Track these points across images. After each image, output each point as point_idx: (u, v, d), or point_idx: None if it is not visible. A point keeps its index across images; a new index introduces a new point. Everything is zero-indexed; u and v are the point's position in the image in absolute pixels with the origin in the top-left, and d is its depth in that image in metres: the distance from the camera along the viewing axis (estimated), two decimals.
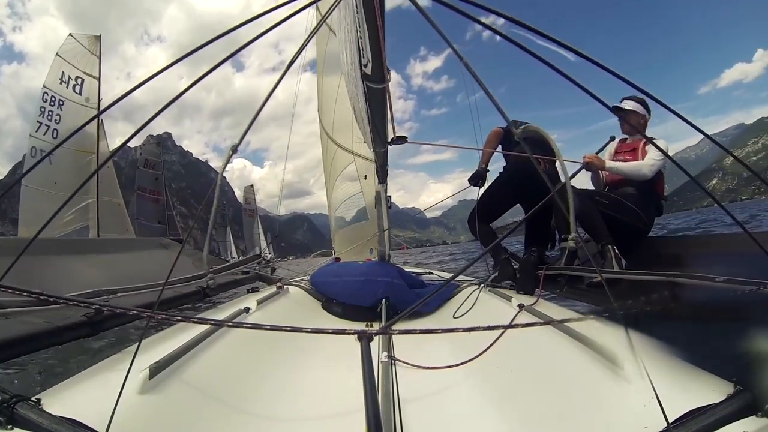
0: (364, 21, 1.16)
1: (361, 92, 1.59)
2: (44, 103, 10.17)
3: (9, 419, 0.75)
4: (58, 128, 10.14)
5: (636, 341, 0.98)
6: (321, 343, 1.54)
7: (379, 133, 2.08)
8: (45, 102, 10.18)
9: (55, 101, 10.29)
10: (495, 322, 0.95)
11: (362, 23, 1.18)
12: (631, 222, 2.30)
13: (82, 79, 10.84)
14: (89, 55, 11.10)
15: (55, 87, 10.36)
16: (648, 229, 2.42)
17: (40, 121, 10.09)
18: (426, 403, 1.15)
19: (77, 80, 10.74)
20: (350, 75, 1.61)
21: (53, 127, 10.12)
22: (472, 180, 2.84)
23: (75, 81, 10.69)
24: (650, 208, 2.37)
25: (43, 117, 10.11)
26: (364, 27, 1.18)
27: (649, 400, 0.75)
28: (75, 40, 11.05)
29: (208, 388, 1.09)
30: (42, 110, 10.13)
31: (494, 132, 2.83)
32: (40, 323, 1.20)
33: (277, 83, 0.83)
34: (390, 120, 1.91)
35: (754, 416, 0.73)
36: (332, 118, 4.44)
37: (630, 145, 2.50)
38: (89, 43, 11.22)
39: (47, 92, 10.25)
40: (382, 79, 1.44)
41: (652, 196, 2.41)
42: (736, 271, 1.14)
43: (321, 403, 1.21)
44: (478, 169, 2.83)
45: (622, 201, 2.30)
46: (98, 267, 2.25)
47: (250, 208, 30.14)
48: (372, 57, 1.28)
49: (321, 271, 2.82)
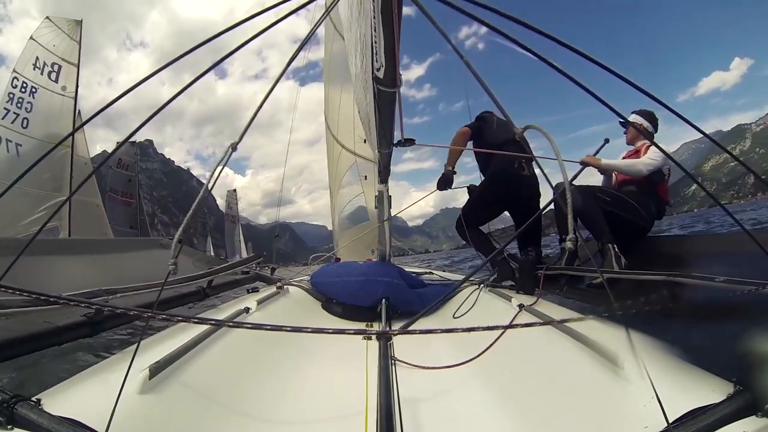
0: (380, 25, 1.17)
1: (371, 95, 1.60)
2: (13, 89, 9.00)
3: (9, 419, 0.75)
4: (28, 117, 9.06)
5: (636, 341, 0.98)
6: (322, 343, 1.54)
7: (386, 135, 2.09)
8: (14, 88, 9.01)
9: (26, 88, 9.16)
10: (495, 322, 0.95)
11: (378, 27, 1.18)
12: (633, 219, 2.33)
13: (59, 66, 9.70)
14: (68, 41, 9.94)
15: (27, 72, 9.20)
16: (649, 228, 2.45)
17: (8, 108, 8.94)
18: (426, 403, 1.15)
19: (53, 67, 9.60)
20: (359, 77, 1.62)
21: (23, 116, 9.00)
22: (440, 185, 2.82)
23: (51, 67, 9.56)
24: (650, 207, 2.39)
25: (11, 104, 8.97)
26: (380, 31, 1.18)
27: (649, 400, 0.75)
28: (52, 23, 9.87)
29: (208, 388, 1.09)
30: (10, 96, 8.97)
31: (461, 132, 2.75)
32: (40, 323, 1.20)
33: (277, 80, 0.83)
34: (399, 123, 1.93)
35: (754, 416, 0.73)
36: (337, 119, 4.45)
37: (634, 149, 2.58)
38: (69, 27, 10.06)
39: (17, 77, 9.08)
40: (394, 83, 1.45)
41: (653, 197, 2.44)
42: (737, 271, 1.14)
43: (322, 403, 1.21)
44: (444, 172, 2.77)
45: (623, 197, 2.32)
46: (98, 267, 2.25)
47: (232, 214, 29.65)
48: (386, 61, 1.28)
49: (321, 271, 2.82)
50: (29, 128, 9.03)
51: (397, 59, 1.29)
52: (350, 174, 4.46)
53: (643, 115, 2.48)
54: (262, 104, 0.81)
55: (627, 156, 2.60)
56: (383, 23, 1.16)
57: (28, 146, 8.76)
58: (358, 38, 1.44)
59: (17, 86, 9.10)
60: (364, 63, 1.45)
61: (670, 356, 1.00)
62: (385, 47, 1.24)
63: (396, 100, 1.62)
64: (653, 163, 2.31)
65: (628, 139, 2.64)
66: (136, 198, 17.12)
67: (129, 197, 16.77)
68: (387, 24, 1.16)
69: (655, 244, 2.48)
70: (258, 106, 0.81)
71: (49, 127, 9.25)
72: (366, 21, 1.28)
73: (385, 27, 1.17)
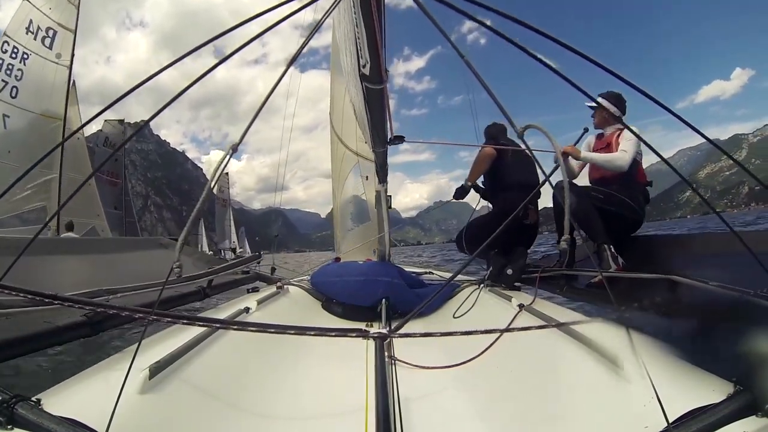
0: (361, 21, 1.15)
1: (360, 92, 1.59)
2: (3, 54, 8.00)
3: (9, 419, 0.75)
4: (18, 86, 8.08)
5: (636, 341, 0.98)
6: (321, 342, 1.54)
7: (378, 133, 2.08)
8: (4, 53, 8.02)
9: (17, 53, 8.11)
10: (495, 321, 0.95)
11: (360, 24, 1.17)
12: (627, 214, 2.35)
13: (55, 31, 8.69)
14: (66, 4, 8.94)
15: (19, 37, 8.20)
16: (641, 218, 2.47)
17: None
18: (425, 403, 1.15)
19: (48, 32, 8.60)
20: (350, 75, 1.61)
21: (12, 84, 8.02)
22: (457, 194, 2.93)
23: (45, 33, 8.56)
24: (639, 198, 2.40)
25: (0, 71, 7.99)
26: (362, 27, 1.17)
27: (649, 400, 0.75)
28: None
29: (207, 388, 1.09)
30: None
31: (487, 153, 2.77)
32: (40, 323, 1.20)
33: (278, 82, 0.83)
34: (388, 120, 1.92)
35: (754, 416, 0.73)
36: (341, 118, 4.43)
37: (605, 141, 2.54)
38: None
39: (8, 42, 8.04)
40: (380, 80, 1.43)
41: (637, 185, 2.44)
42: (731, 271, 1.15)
43: (321, 403, 1.21)
44: (464, 184, 2.88)
45: (615, 194, 2.33)
46: (98, 267, 2.25)
47: (223, 198, 29.35)
48: (370, 58, 1.27)
49: (321, 271, 2.82)
50: (18, 98, 8.06)
51: (381, 55, 1.27)
52: (352, 174, 4.45)
53: (608, 97, 2.40)
54: (263, 105, 0.81)
55: (597, 147, 2.57)
56: (364, 19, 1.14)
57: (16, 118, 7.85)
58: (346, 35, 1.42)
59: (7, 51, 8.08)
60: (352, 60, 1.44)
61: (670, 356, 1.00)
62: (368, 43, 1.22)
63: (384, 97, 1.61)
64: (630, 153, 2.27)
65: (596, 123, 2.60)
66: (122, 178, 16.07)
67: (115, 177, 15.74)
68: (368, 19, 1.14)
69: (652, 244, 2.49)
70: (259, 107, 0.81)
71: (40, 97, 8.37)
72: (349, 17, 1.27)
73: (366, 23, 1.15)
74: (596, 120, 2.59)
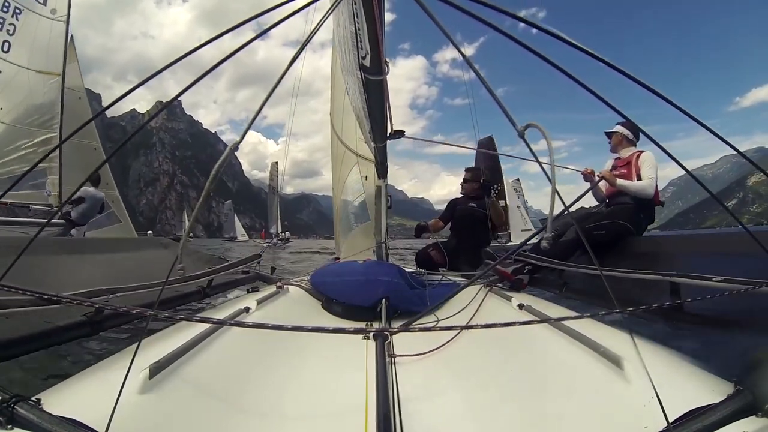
0: (362, 12, 1.15)
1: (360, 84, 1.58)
2: None
3: (9, 419, 0.75)
4: (10, 40, 7.75)
5: (636, 341, 0.98)
6: (321, 342, 1.54)
7: (378, 127, 2.06)
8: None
9: (8, 7, 7.86)
10: (495, 320, 0.95)
11: (360, 14, 1.16)
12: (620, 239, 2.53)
13: None
14: None
15: None
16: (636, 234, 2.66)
17: None
18: (426, 403, 1.15)
19: None
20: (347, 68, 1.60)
21: (3, 38, 7.72)
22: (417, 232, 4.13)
23: None
24: (643, 221, 2.68)
25: None
26: (363, 18, 1.16)
27: (649, 400, 0.75)
28: None
29: (208, 387, 1.09)
30: None
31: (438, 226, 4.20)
32: (40, 323, 1.20)
33: (278, 82, 0.82)
34: (387, 113, 1.90)
35: (754, 416, 0.73)
36: (341, 117, 4.42)
37: (624, 160, 2.88)
38: None
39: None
40: (380, 71, 1.43)
41: (648, 207, 2.71)
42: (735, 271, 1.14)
43: (322, 402, 1.21)
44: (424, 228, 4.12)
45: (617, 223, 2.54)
46: (98, 267, 2.25)
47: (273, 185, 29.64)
48: (370, 48, 1.26)
49: (321, 270, 2.82)
50: (11, 53, 7.70)
51: (381, 46, 1.26)
52: (353, 174, 4.45)
53: (626, 126, 2.88)
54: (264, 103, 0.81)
55: (618, 165, 2.92)
56: (364, 9, 1.14)
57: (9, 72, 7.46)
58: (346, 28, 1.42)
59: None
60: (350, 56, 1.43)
61: (670, 356, 1.00)
62: (368, 34, 1.21)
63: (384, 89, 1.60)
64: (654, 180, 2.62)
65: (612, 147, 2.99)
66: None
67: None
68: (368, 9, 1.14)
69: (655, 244, 2.49)
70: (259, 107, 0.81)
71: (34, 53, 7.95)
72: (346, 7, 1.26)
73: (366, 13, 1.15)
74: (612, 143, 2.99)
